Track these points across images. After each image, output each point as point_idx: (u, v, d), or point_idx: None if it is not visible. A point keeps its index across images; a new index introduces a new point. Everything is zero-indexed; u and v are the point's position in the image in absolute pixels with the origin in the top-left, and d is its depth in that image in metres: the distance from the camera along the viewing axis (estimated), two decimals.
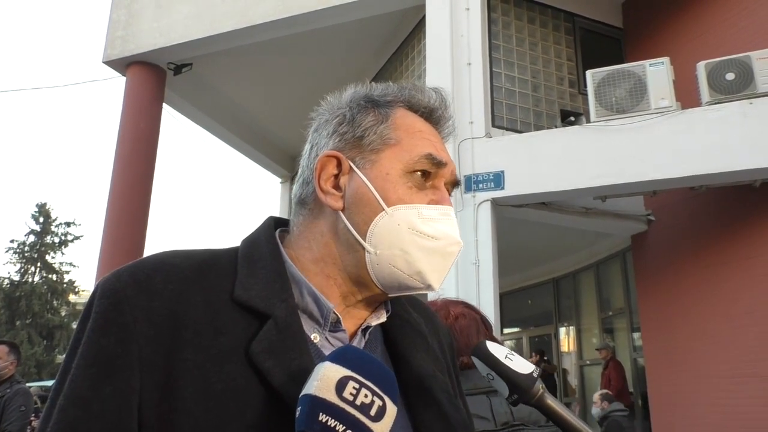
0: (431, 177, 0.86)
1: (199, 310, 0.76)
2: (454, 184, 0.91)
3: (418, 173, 0.85)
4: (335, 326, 0.83)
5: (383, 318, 0.89)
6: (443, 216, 0.85)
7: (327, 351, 0.81)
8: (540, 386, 0.87)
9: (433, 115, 0.91)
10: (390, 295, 0.86)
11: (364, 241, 0.82)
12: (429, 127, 0.90)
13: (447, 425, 0.84)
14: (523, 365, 0.88)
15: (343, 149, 0.86)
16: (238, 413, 0.71)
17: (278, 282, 0.81)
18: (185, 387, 0.71)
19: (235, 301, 0.78)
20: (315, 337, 0.81)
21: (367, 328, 0.87)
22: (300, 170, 0.92)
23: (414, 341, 0.90)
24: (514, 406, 0.89)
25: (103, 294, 0.75)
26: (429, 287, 0.83)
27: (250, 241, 0.87)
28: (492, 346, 0.89)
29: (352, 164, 0.85)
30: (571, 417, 0.86)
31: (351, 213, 0.83)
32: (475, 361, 0.90)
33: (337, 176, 0.86)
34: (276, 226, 0.92)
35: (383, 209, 0.82)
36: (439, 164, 0.86)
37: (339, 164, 0.86)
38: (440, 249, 0.84)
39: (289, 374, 0.73)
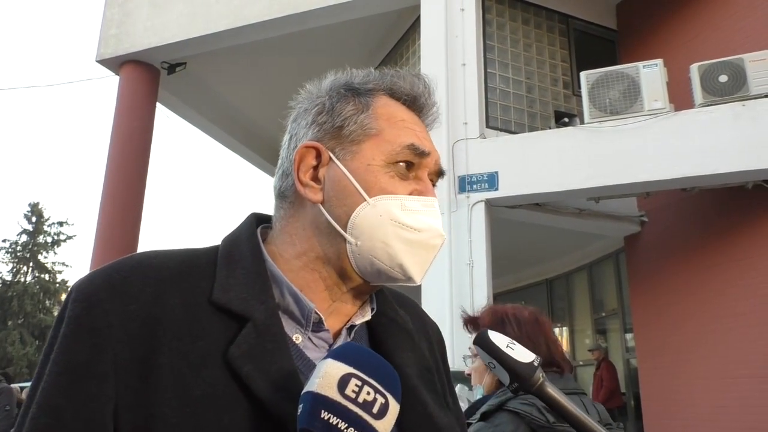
0: (414, 168, 0.83)
1: (176, 314, 0.73)
2: (439, 174, 0.88)
3: (401, 164, 0.82)
4: (318, 326, 0.81)
5: (368, 316, 0.87)
6: (426, 207, 0.82)
7: (309, 352, 0.79)
8: (540, 375, 0.88)
9: (416, 102, 0.88)
10: (373, 284, 0.84)
11: (345, 232, 0.80)
12: (412, 115, 0.87)
13: (432, 426, 0.82)
14: (524, 354, 0.89)
15: (322, 139, 0.84)
16: (215, 419, 0.69)
17: (258, 283, 0.79)
18: (162, 393, 0.69)
19: (214, 304, 0.76)
20: (297, 337, 0.80)
21: (353, 327, 0.85)
22: (279, 161, 0.89)
23: (400, 340, 0.88)
24: (515, 394, 0.90)
25: (77, 298, 0.73)
26: (410, 280, 0.81)
27: (231, 240, 0.85)
28: (494, 335, 0.90)
29: (332, 155, 0.83)
30: (570, 406, 0.87)
31: (331, 205, 0.81)
32: (478, 349, 0.91)
33: (316, 168, 0.84)
34: (258, 222, 0.89)
35: (365, 200, 0.80)
36: (422, 154, 0.83)
37: (318, 155, 0.83)
38: (423, 241, 0.81)
39: (269, 378, 0.72)
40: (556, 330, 11.62)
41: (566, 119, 7.88)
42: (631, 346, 9.09)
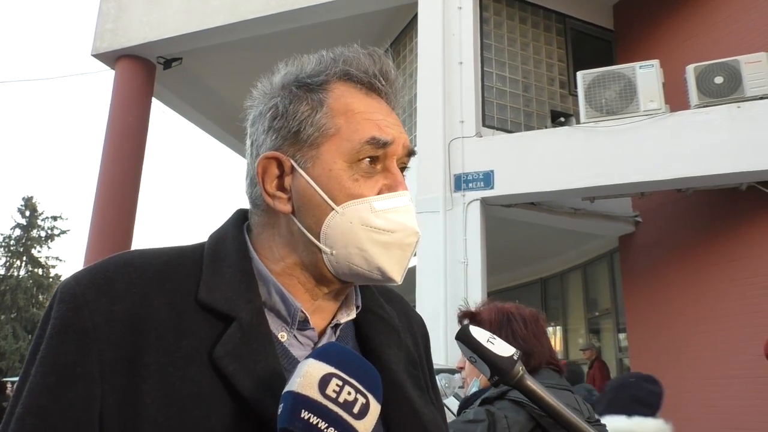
0: (380, 159, 0.80)
1: (162, 314, 0.73)
2: (409, 154, 0.84)
3: (365, 161, 0.79)
4: (303, 324, 0.81)
5: (353, 315, 0.87)
6: (397, 204, 0.79)
7: (295, 350, 0.79)
8: (520, 368, 0.89)
9: (374, 84, 0.83)
10: (357, 283, 0.84)
11: (319, 242, 0.79)
12: (370, 100, 0.83)
13: (418, 422, 0.83)
14: (504, 348, 0.90)
15: (282, 147, 0.81)
16: (201, 419, 0.69)
17: (244, 281, 0.78)
18: (148, 393, 0.69)
19: (200, 303, 0.75)
20: (282, 336, 0.80)
21: (338, 325, 0.85)
22: (246, 168, 0.86)
23: (386, 337, 0.88)
24: (496, 387, 0.92)
25: (62, 298, 0.73)
26: (390, 280, 0.80)
27: (217, 237, 0.84)
28: (475, 330, 0.92)
29: (294, 163, 0.80)
30: (549, 398, 0.89)
31: (302, 215, 0.79)
32: (459, 344, 0.92)
33: (281, 176, 0.81)
34: (246, 218, 0.88)
35: (333, 209, 0.78)
36: (385, 145, 0.80)
37: (281, 165, 0.81)
38: (397, 242, 0.79)
39: (254, 377, 0.72)
40: (550, 329, 11.65)
41: (562, 119, 7.90)
42: (624, 345, 9.12)
